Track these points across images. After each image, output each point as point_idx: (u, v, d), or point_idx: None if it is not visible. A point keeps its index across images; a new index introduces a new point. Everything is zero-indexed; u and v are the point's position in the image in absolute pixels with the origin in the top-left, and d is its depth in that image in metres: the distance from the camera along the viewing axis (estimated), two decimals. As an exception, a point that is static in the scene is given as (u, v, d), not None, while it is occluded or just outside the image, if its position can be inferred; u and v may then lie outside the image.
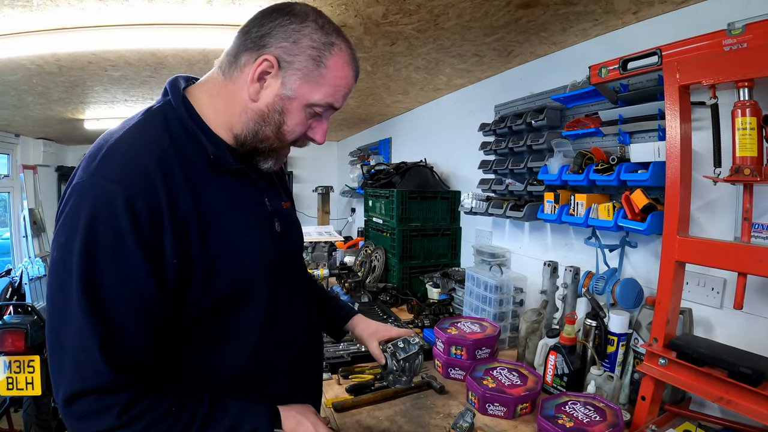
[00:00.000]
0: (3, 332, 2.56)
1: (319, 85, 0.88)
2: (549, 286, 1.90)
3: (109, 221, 0.72)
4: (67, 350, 0.71)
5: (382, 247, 3.11)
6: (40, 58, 2.13)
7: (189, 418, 0.77)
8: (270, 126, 0.90)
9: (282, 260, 0.99)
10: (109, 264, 0.72)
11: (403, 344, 1.21)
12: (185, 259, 0.79)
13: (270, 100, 0.87)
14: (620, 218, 1.53)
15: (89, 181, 0.74)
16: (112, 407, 0.71)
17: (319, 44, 0.86)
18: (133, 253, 0.73)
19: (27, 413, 2.70)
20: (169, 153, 0.81)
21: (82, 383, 0.71)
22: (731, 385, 1.06)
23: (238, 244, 0.87)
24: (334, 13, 1.62)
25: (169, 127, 0.85)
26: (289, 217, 1.08)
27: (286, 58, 0.85)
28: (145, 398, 0.75)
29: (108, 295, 0.72)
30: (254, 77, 0.85)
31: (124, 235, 0.72)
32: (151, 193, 0.75)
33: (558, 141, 1.86)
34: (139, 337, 0.75)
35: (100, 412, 0.71)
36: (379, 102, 3.46)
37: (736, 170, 1.12)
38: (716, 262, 1.14)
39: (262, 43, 0.85)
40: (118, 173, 0.74)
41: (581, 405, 1.33)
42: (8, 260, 5.03)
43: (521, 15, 1.64)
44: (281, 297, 0.97)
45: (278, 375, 0.97)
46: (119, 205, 0.72)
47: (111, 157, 0.77)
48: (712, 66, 1.13)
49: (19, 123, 4.10)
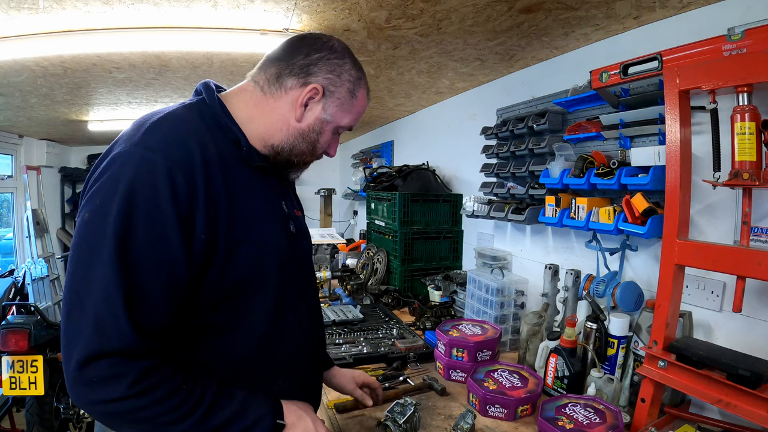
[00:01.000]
0: (6, 332, 2.58)
1: (348, 112, 1.02)
2: (550, 289, 1.90)
3: (149, 188, 0.75)
4: (89, 308, 0.72)
5: (384, 250, 3.12)
6: (45, 60, 2.14)
7: (198, 398, 0.79)
8: (306, 143, 1.00)
9: (293, 260, 1.03)
10: (145, 228, 0.75)
11: (400, 408, 1.31)
12: (212, 237, 0.82)
13: (311, 122, 0.99)
14: (621, 222, 1.54)
15: (132, 150, 0.78)
16: (125, 375, 0.72)
17: (354, 79, 1.00)
18: (169, 221, 0.76)
19: (29, 413, 2.71)
20: (207, 138, 0.87)
21: (100, 343, 0.71)
22: (730, 387, 1.07)
23: (259, 233, 0.93)
24: (338, 17, 1.63)
25: (205, 120, 0.91)
26: (301, 225, 1.13)
27: (330, 88, 0.98)
28: (159, 370, 0.77)
29: (140, 258, 0.74)
30: (302, 101, 0.96)
31: (162, 203, 0.75)
32: (190, 168, 0.79)
33: (559, 145, 1.87)
34: (162, 306, 0.78)
35: (112, 379, 0.72)
36: (381, 105, 3.47)
37: (735, 174, 1.12)
38: (716, 266, 1.15)
39: (310, 72, 0.96)
40: (162, 145, 0.79)
41: (581, 407, 1.34)
42: (11, 261, 5.06)
43: (523, 20, 1.66)
44: (290, 293, 1.00)
45: (281, 370, 1.00)
46: (160, 174, 0.76)
47: (155, 131, 0.82)
48: (712, 71, 1.14)
49: (23, 124, 4.12)
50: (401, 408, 1.31)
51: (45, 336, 2.66)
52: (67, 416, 2.84)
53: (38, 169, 5.13)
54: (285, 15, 1.64)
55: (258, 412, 0.86)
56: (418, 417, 1.33)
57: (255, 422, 0.85)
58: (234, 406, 0.83)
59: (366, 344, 1.97)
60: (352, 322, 2.29)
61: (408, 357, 1.86)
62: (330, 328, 2.18)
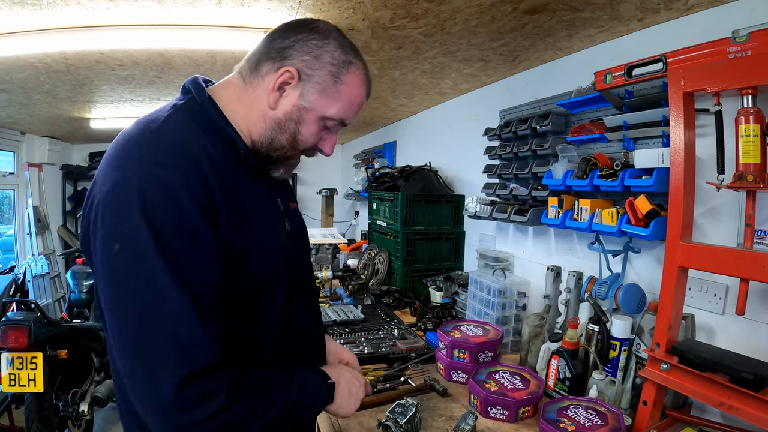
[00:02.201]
0: (6, 329, 2.57)
1: (334, 100, 0.92)
2: (552, 290, 1.90)
3: (174, 206, 0.74)
4: (166, 337, 0.71)
5: (385, 250, 3.11)
6: (49, 57, 2.14)
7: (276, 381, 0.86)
8: (285, 134, 0.93)
9: (294, 258, 1.02)
10: (183, 244, 0.74)
11: (401, 408, 1.32)
12: (231, 238, 0.82)
13: (288, 109, 0.91)
14: (624, 224, 1.54)
15: (140, 170, 0.74)
16: (222, 387, 0.74)
17: (338, 61, 0.91)
18: (203, 232, 0.76)
19: (28, 410, 2.70)
20: (206, 142, 0.84)
21: (190, 365, 0.71)
22: (733, 390, 1.07)
23: (266, 235, 0.92)
24: (342, 16, 1.63)
25: (201, 123, 0.88)
26: (298, 219, 1.11)
27: (307, 71, 0.89)
28: (246, 373, 0.80)
29: (190, 273, 0.74)
30: (275, 86, 0.89)
31: (191, 217, 0.75)
32: (203, 175, 0.78)
33: (563, 146, 1.87)
34: (219, 311, 0.79)
35: (211, 394, 0.73)
36: (384, 105, 3.47)
37: (739, 177, 1.12)
38: (719, 268, 1.14)
39: (285, 55, 0.89)
40: (170, 160, 0.77)
41: (583, 409, 1.34)
42: (12, 257, 5.06)
43: (527, 21, 1.66)
44: (295, 291, 1.00)
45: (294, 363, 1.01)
46: (180, 189, 0.74)
47: (158, 145, 0.79)
48: (717, 73, 1.14)
49: (26, 121, 4.12)
50: (402, 408, 1.32)
51: (45, 333, 2.65)
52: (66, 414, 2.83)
53: (40, 166, 5.13)
54: (289, 13, 1.64)
55: (315, 379, 0.96)
56: (419, 418, 1.33)
57: (317, 387, 0.95)
58: (299, 380, 0.91)
59: (367, 345, 1.97)
60: (353, 323, 2.28)
61: (409, 358, 1.86)
62: (331, 328, 2.18)
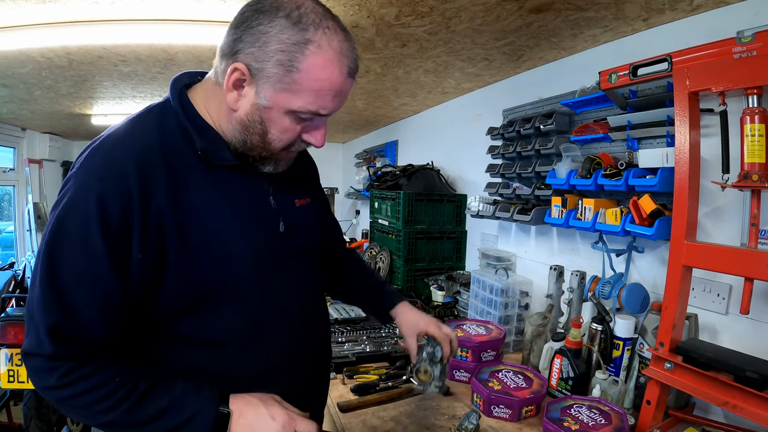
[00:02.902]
0: (5, 324, 2.57)
1: (294, 92, 0.80)
2: (555, 290, 1.90)
3: (80, 211, 0.76)
4: (30, 316, 0.77)
5: (387, 249, 3.11)
6: (51, 51, 2.13)
7: (131, 388, 0.78)
8: (254, 135, 0.86)
9: (281, 260, 0.97)
10: (72, 251, 0.76)
11: (429, 353, 1.23)
12: (156, 255, 0.80)
13: (248, 109, 0.83)
14: (627, 223, 1.54)
15: (75, 173, 0.79)
16: (55, 369, 0.76)
17: (288, 45, 0.76)
18: (96, 243, 0.75)
19: (27, 406, 2.70)
20: (151, 154, 0.81)
21: (31, 346, 0.77)
22: (737, 389, 1.07)
23: (223, 242, 0.86)
24: (348, 13, 1.63)
25: (163, 125, 0.85)
26: (301, 215, 1.05)
27: (255, 65, 0.78)
28: (87, 366, 0.78)
29: (65, 280, 0.76)
30: (229, 86, 0.82)
31: (91, 226, 0.75)
32: (124, 189, 0.77)
33: (566, 146, 1.87)
34: (94, 322, 0.79)
35: (45, 372, 0.77)
36: (386, 104, 3.47)
37: (744, 176, 1.12)
38: (723, 268, 1.14)
39: (235, 49, 0.79)
40: (96, 168, 0.78)
41: (586, 408, 1.33)
42: (12, 253, 5.05)
43: (532, 20, 1.66)
44: (275, 298, 0.96)
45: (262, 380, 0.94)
46: (91, 197, 0.75)
47: (95, 153, 0.81)
48: (722, 73, 1.14)
49: (27, 117, 4.11)
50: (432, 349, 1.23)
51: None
52: (66, 410, 2.83)
53: (40, 163, 5.12)
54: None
55: (196, 407, 0.79)
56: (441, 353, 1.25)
57: (193, 414, 0.78)
58: (168, 398, 0.79)
59: (369, 343, 1.97)
60: (354, 321, 2.28)
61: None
62: (333, 327, 2.17)
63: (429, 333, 1.24)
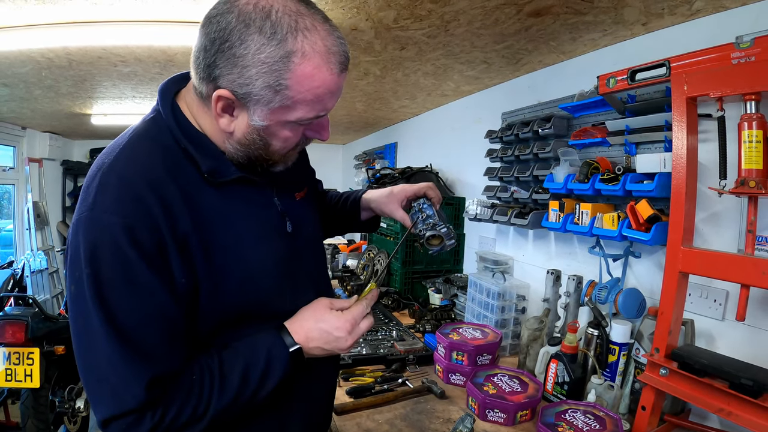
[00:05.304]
0: (3, 323, 2.57)
1: (289, 107, 0.78)
2: (551, 294, 1.90)
3: (115, 253, 0.72)
4: (101, 379, 0.73)
5: (385, 251, 3.11)
6: (51, 51, 2.14)
7: (208, 377, 0.79)
8: (257, 150, 0.85)
9: (295, 259, 0.98)
10: (125, 293, 0.73)
11: (429, 221, 1.19)
12: (192, 277, 0.79)
13: (244, 130, 0.81)
14: (625, 228, 1.53)
15: (89, 216, 0.73)
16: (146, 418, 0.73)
17: (270, 65, 0.72)
18: (146, 278, 0.73)
19: (24, 405, 2.70)
20: (161, 176, 0.78)
21: (118, 407, 0.72)
22: (732, 396, 1.07)
23: (245, 257, 0.86)
24: (346, 16, 1.63)
25: (161, 145, 0.82)
26: (303, 209, 1.05)
27: (240, 91, 0.75)
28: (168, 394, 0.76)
29: (129, 323, 0.73)
30: (218, 112, 0.79)
31: (133, 263, 0.72)
32: (149, 218, 0.74)
33: (564, 150, 1.87)
34: (169, 353, 0.77)
35: (136, 425, 0.73)
36: (386, 106, 3.47)
37: (741, 182, 1.12)
38: (720, 274, 1.14)
39: (213, 75, 0.75)
40: (114, 205, 0.73)
41: (581, 413, 1.33)
42: (11, 252, 5.06)
43: (531, 23, 1.65)
44: (299, 294, 0.97)
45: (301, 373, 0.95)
46: (121, 235, 0.71)
47: (105, 188, 0.75)
48: (720, 79, 1.14)
49: (27, 116, 4.12)
50: (422, 214, 1.19)
51: (42, 328, 2.65)
52: (62, 410, 2.83)
53: (40, 162, 5.12)
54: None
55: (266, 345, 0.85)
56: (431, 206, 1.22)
57: (268, 361, 0.84)
58: (241, 354, 0.83)
59: (365, 345, 1.97)
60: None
61: (407, 359, 1.85)
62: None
63: (407, 196, 1.23)
